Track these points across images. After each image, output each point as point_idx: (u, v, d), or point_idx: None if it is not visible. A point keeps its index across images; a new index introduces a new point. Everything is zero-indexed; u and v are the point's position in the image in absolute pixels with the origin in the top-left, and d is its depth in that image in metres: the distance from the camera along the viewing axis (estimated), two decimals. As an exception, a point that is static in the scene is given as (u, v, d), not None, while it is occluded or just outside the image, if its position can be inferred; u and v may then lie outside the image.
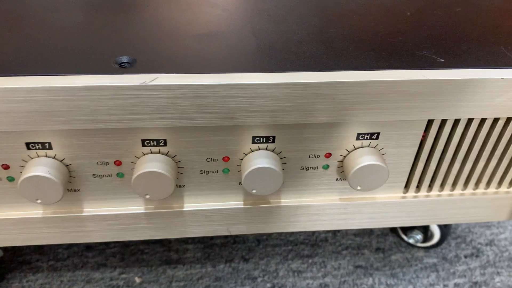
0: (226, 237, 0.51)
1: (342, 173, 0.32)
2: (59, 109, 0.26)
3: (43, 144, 0.28)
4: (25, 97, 0.26)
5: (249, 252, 0.50)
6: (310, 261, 0.49)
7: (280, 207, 0.34)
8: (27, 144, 0.28)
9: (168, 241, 0.50)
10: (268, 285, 0.47)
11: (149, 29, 0.31)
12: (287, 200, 0.34)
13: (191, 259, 0.49)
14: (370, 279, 0.47)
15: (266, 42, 0.30)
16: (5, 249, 0.47)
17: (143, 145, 0.29)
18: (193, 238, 0.51)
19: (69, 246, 0.49)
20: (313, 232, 0.52)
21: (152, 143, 0.29)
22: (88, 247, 0.49)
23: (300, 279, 0.47)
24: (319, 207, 0.34)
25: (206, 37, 0.31)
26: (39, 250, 0.49)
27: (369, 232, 0.53)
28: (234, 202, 0.33)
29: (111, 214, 0.32)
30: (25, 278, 0.46)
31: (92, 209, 0.32)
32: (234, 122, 0.28)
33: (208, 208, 0.33)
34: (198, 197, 0.33)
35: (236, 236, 0.51)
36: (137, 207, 0.33)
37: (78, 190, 0.31)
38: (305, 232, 0.52)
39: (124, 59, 0.28)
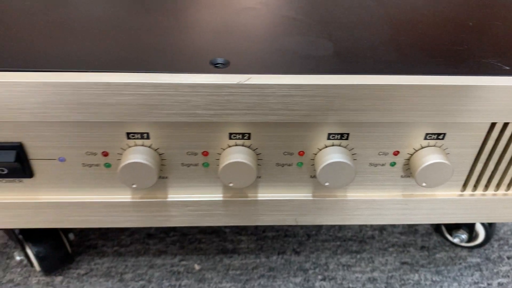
0: (277, 230, 0.54)
1: (408, 170, 0.35)
2: (162, 102, 0.29)
3: (142, 134, 0.32)
4: (134, 91, 0.29)
5: (300, 245, 0.52)
6: (358, 256, 0.52)
7: (347, 201, 0.36)
8: (128, 134, 0.32)
9: (223, 232, 0.53)
10: (320, 277, 0.49)
11: (238, 33, 0.34)
12: (353, 194, 0.36)
13: (245, 250, 0.52)
14: (416, 275, 0.50)
15: (342, 47, 0.33)
16: (76, 233, 0.51)
17: (230, 138, 0.32)
18: (246, 230, 0.54)
19: (132, 233, 0.53)
20: (360, 229, 0.55)
21: (238, 136, 0.32)
22: (149, 234, 0.53)
23: (349, 273, 0.50)
24: (382, 202, 0.37)
25: (287, 41, 0.34)
26: (104, 236, 0.52)
27: (414, 231, 0.55)
28: (304, 194, 0.36)
29: (192, 200, 0.35)
30: (93, 261, 0.50)
31: (176, 195, 0.35)
32: (314, 119, 0.31)
33: (279, 199, 0.36)
34: (271, 188, 0.36)
35: (287, 230, 0.54)
36: (216, 195, 0.36)
37: (166, 177, 0.34)
38: (352, 228, 0.55)
39: (219, 60, 0.31)
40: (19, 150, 0.32)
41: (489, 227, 0.51)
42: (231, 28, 0.35)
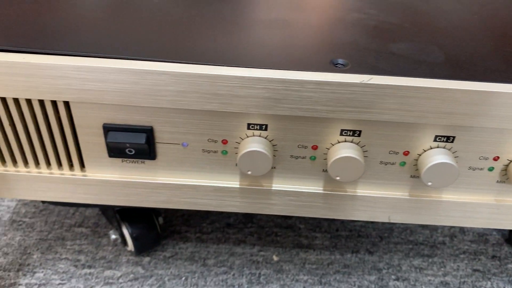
0: (350, 230, 0.56)
1: (504, 176, 0.36)
2: (287, 97, 0.32)
3: (261, 125, 0.34)
4: (264, 85, 0.32)
5: (373, 246, 0.54)
6: (430, 260, 0.53)
7: (441, 202, 0.38)
8: (248, 125, 0.34)
9: (298, 227, 0.56)
10: (393, 277, 0.51)
11: (354, 37, 0.37)
12: (448, 196, 0.38)
13: (320, 246, 0.54)
14: (489, 282, 0.51)
15: (452, 55, 0.35)
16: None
17: (341, 134, 0.35)
18: (320, 228, 0.56)
19: (212, 222, 0.56)
20: (431, 235, 0.56)
21: (349, 133, 0.34)
22: (229, 224, 0.56)
23: (422, 275, 0.51)
24: (474, 205, 0.38)
25: (395, 47, 0.36)
26: (187, 223, 0.56)
27: (484, 240, 0.56)
28: (401, 193, 0.38)
29: (294, 191, 0.38)
30: (177, 245, 0.53)
31: (280, 185, 0.38)
32: (426, 121, 0.33)
33: (376, 195, 0.38)
34: (371, 185, 0.38)
35: (360, 230, 0.56)
36: (317, 188, 0.38)
37: (274, 167, 0.37)
38: (423, 233, 0.56)
39: (340, 61, 0.33)
40: (149, 133, 0.35)
41: None
42: (346, 31, 0.37)
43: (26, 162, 0.38)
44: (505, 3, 0.46)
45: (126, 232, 0.48)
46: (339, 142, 0.35)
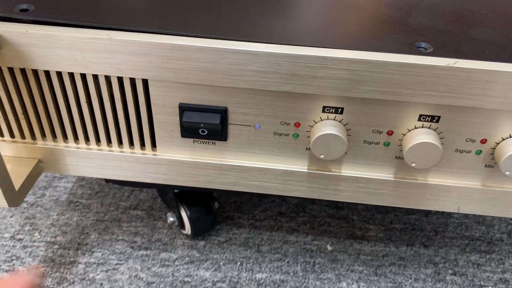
0: (405, 223, 0.55)
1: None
2: (369, 79, 0.32)
3: (337, 108, 0.34)
4: (346, 66, 0.31)
5: (428, 240, 0.53)
6: (487, 256, 0.52)
7: (514, 193, 0.37)
8: (324, 108, 0.34)
9: (351, 219, 0.55)
10: (450, 271, 0.50)
11: (434, 21, 0.36)
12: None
13: (374, 238, 0.53)
14: (550, 282, 0.49)
15: (536, 41, 0.34)
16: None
17: (419, 119, 0.34)
18: (374, 220, 0.55)
19: (264, 209, 0.56)
20: (488, 231, 0.55)
21: (427, 118, 0.34)
22: (281, 213, 0.56)
23: (480, 271, 0.50)
24: None
25: (475, 32, 0.35)
26: (240, 209, 0.56)
27: (544, 239, 0.54)
28: (474, 183, 0.37)
29: (364, 177, 0.37)
30: (231, 231, 0.53)
31: (350, 171, 0.38)
32: (509, 107, 0.32)
33: (448, 184, 0.37)
34: (444, 173, 0.37)
35: (414, 224, 0.55)
36: (387, 175, 0.37)
37: (346, 152, 0.37)
38: (480, 229, 0.55)
39: (422, 44, 0.33)
40: (224, 114, 0.35)
41: None
42: (424, 16, 0.37)
43: (98, 140, 0.38)
44: None
45: (184, 214, 0.49)
46: (416, 128, 0.34)
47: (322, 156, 0.35)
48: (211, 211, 0.50)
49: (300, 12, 0.36)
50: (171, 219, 0.50)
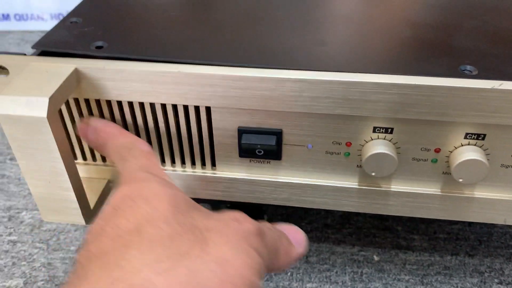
0: (448, 233, 0.56)
1: None
2: (417, 102, 0.34)
3: (387, 128, 0.36)
4: (397, 90, 0.33)
5: (472, 249, 0.54)
6: (534, 266, 0.53)
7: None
8: (374, 128, 0.36)
9: (396, 229, 0.57)
10: (496, 280, 0.51)
11: (480, 43, 0.38)
12: None
13: (419, 248, 0.55)
14: None
15: None
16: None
17: (465, 137, 0.36)
18: (418, 230, 0.57)
19: (310, 221, 0.58)
20: (533, 240, 0.55)
21: (473, 136, 0.36)
22: (326, 225, 0.58)
23: (526, 281, 0.51)
24: None
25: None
26: (286, 221, 0.58)
27: None
28: (521, 197, 0.39)
29: (413, 192, 0.39)
30: (280, 242, 0.55)
31: (399, 186, 0.40)
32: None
33: (493, 198, 0.39)
34: (489, 187, 0.39)
35: (458, 233, 0.56)
36: (434, 189, 0.39)
37: (397, 169, 0.39)
38: (525, 239, 0.56)
39: (467, 67, 0.35)
40: (279, 135, 0.38)
41: None
42: (468, 38, 0.39)
43: (163, 161, 0.42)
44: None
45: (236, 228, 0.52)
46: (462, 145, 0.36)
47: (373, 174, 0.37)
48: (261, 224, 0.52)
49: (346, 38, 0.39)
50: (224, 232, 0.53)
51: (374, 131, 0.37)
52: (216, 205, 0.54)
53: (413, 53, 0.37)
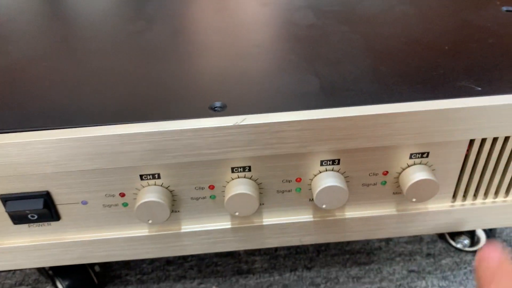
0: (288, 248, 0.57)
1: (398, 187, 0.38)
2: (170, 147, 0.33)
3: (153, 175, 0.35)
4: (144, 139, 0.33)
5: (311, 261, 0.55)
6: (367, 267, 0.54)
7: (345, 220, 0.39)
8: (141, 176, 0.35)
9: (238, 253, 0.57)
10: (331, 290, 0.52)
11: (233, 76, 0.38)
12: (351, 213, 0.39)
13: (259, 269, 0.55)
14: (423, 281, 0.52)
15: (327, 82, 0.36)
16: (100, 265, 0.55)
17: (232, 172, 0.36)
18: (260, 250, 0.57)
19: (152, 261, 0.56)
20: (368, 242, 0.57)
21: (239, 169, 0.36)
22: (169, 261, 0.56)
23: (359, 284, 0.52)
24: (377, 218, 0.40)
25: (276, 79, 0.37)
26: (127, 266, 0.56)
27: (419, 239, 0.58)
28: (305, 216, 0.39)
29: (204, 230, 0.39)
30: (118, 290, 0.53)
31: (188, 226, 0.39)
32: (306, 150, 0.34)
33: (283, 222, 0.39)
34: (275, 212, 0.39)
35: (298, 247, 0.57)
36: (225, 223, 0.39)
37: (178, 211, 0.38)
38: (360, 241, 0.57)
39: (217, 104, 0.34)
40: (46, 197, 0.36)
41: (490, 231, 0.53)
42: (226, 72, 0.39)
43: None
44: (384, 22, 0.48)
45: (60, 286, 0.49)
46: (232, 180, 0.36)
47: (150, 221, 0.36)
48: (89, 278, 0.50)
49: (94, 90, 0.38)
50: (50, 293, 0.50)
51: (142, 179, 0.36)
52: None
53: (167, 98, 0.36)
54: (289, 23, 0.48)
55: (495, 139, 0.36)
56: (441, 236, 0.58)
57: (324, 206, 0.36)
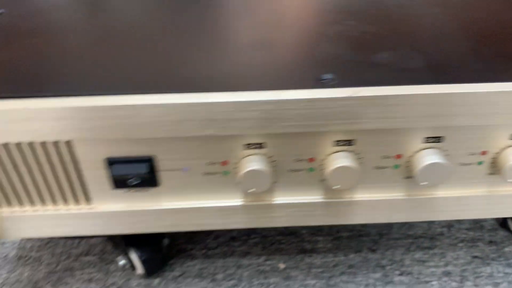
0: (351, 230, 0.57)
1: (494, 168, 0.38)
2: (283, 116, 0.33)
3: (259, 144, 0.36)
4: (259, 108, 0.33)
5: (374, 244, 0.56)
6: (430, 252, 0.55)
7: (437, 199, 0.40)
8: (246, 145, 0.36)
9: (301, 233, 0.57)
10: (397, 272, 0.52)
11: (338, 50, 0.38)
12: (443, 192, 0.40)
13: (323, 249, 0.55)
14: (489, 268, 0.53)
15: (431, 60, 0.37)
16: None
17: (333, 145, 0.36)
18: (322, 231, 0.57)
19: (216, 237, 0.57)
20: (430, 227, 0.58)
21: (341, 143, 0.36)
22: (233, 237, 0.57)
23: (424, 267, 0.53)
24: (468, 198, 0.40)
25: (378, 57, 0.37)
26: (192, 240, 0.57)
27: (480, 227, 0.58)
28: (397, 194, 0.39)
29: (296, 202, 0.39)
30: (185, 264, 0.54)
31: (282, 198, 0.39)
32: (410, 125, 0.34)
33: (373, 199, 0.39)
34: (366, 189, 0.39)
35: (360, 230, 0.57)
36: (317, 197, 0.39)
37: (275, 182, 0.38)
38: (422, 226, 0.58)
39: (327, 76, 0.35)
40: (151, 163, 0.36)
41: (557, 221, 0.53)
42: (335, 45, 0.39)
43: (32, 202, 0.38)
44: (480, 6, 0.48)
45: (134, 256, 0.49)
46: (333, 153, 0.36)
47: (251, 190, 0.36)
48: (159, 249, 0.51)
49: (205, 58, 0.38)
50: (121, 262, 0.50)
51: (246, 148, 0.36)
52: (113, 236, 0.52)
53: (273, 67, 0.37)
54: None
55: None
56: (503, 224, 0.58)
57: (425, 183, 0.36)
